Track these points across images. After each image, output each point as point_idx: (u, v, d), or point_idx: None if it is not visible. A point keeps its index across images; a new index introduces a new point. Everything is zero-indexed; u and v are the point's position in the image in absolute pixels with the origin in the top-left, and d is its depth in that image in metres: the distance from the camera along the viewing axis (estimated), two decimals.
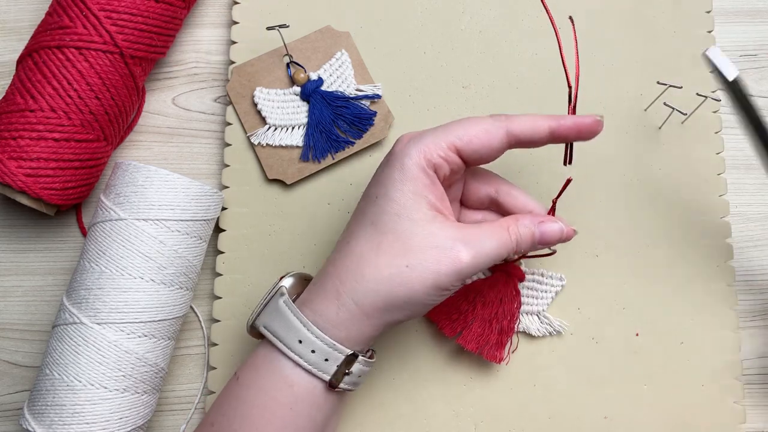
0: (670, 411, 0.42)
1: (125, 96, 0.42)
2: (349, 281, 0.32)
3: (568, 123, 0.34)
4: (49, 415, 0.37)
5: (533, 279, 0.43)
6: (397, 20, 0.47)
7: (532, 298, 0.43)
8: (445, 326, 0.41)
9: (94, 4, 0.40)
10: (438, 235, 0.32)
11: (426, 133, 0.34)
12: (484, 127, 0.33)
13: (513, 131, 0.33)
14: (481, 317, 0.41)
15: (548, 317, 0.42)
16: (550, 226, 0.35)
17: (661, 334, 0.43)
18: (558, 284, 0.43)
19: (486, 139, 0.33)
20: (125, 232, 0.38)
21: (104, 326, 0.37)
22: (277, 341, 0.33)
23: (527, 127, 0.34)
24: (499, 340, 0.41)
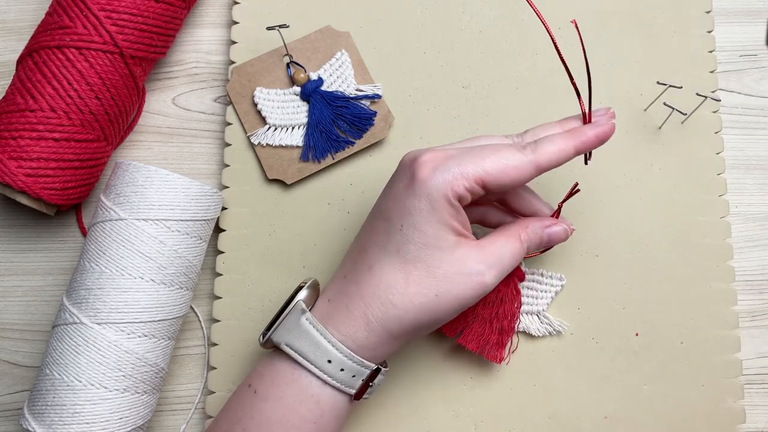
0: (670, 411, 0.42)
1: (125, 96, 0.42)
2: (379, 309, 0.33)
3: (591, 138, 0.35)
4: (49, 415, 0.37)
5: (533, 279, 0.43)
6: (397, 20, 0.47)
7: (531, 298, 0.43)
8: (446, 326, 0.41)
9: (94, 4, 0.40)
10: (464, 261, 0.33)
11: (451, 162, 0.33)
12: (513, 163, 0.33)
13: (541, 165, 0.34)
14: (482, 317, 0.40)
15: (548, 317, 0.42)
16: (556, 231, 0.37)
17: (661, 333, 0.43)
18: (558, 284, 0.43)
19: (515, 175, 0.33)
20: (125, 232, 0.38)
21: (104, 326, 0.37)
22: (304, 361, 0.34)
23: (555, 157, 0.34)
24: (499, 339, 0.41)
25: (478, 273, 0.33)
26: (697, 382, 0.42)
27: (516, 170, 0.33)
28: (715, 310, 0.43)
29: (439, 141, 0.45)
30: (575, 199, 0.44)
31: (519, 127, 0.45)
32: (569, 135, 0.34)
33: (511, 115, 0.46)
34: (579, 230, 0.44)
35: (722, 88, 0.47)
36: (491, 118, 0.46)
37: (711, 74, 0.46)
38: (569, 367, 0.43)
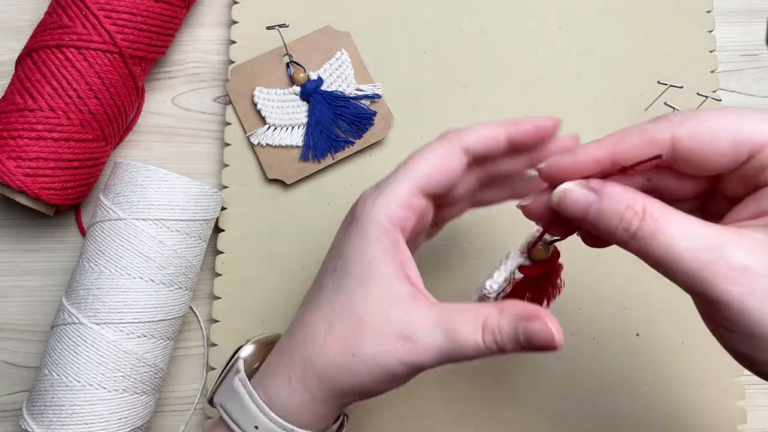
0: (670, 411, 0.42)
1: (124, 96, 0.42)
2: (298, 364, 0.28)
3: (527, 126, 0.29)
4: (48, 415, 0.37)
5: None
6: (397, 20, 0.47)
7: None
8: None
9: (93, 4, 0.40)
10: (392, 317, 0.27)
11: (384, 185, 0.29)
12: (438, 153, 0.29)
13: (467, 145, 0.29)
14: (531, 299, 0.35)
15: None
16: (539, 328, 0.26)
17: (662, 334, 0.43)
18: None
19: (444, 166, 0.28)
20: (124, 231, 0.38)
21: (103, 326, 0.37)
22: (233, 425, 0.30)
23: (482, 137, 0.29)
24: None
25: (402, 336, 0.26)
26: (698, 382, 0.42)
27: (443, 159, 0.28)
28: None
29: None
30: None
31: None
32: (502, 121, 0.30)
33: (512, 115, 0.45)
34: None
35: (723, 87, 0.47)
36: (491, 118, 0.45)
37: (712, 74, 0.46)
38: (570, 367, 0.42)
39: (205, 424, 0.41)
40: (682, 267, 0.24)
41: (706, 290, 0.23)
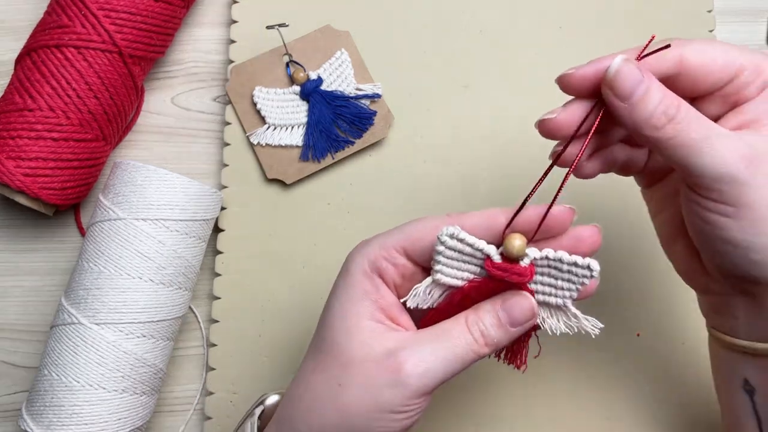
0: (671, 411, 0.42)
1: (124, 95, 0.42)
2: (288, 405, 0.29)
3: (532, 217, 0.29)
4: (48, 415, 0.37)
5: (549, 265, 0.30)
6: (397, 19, 0.47)
7: (550, 287, 0.31)
8: None
9: (92, 3, 0.40)
10: (373, 344, 0.27)
11: (375, 237, 0.30)
12: (434, 224, 0.29)
13: (467, 229, 0.29)
14: None
15: (576, 313, 0.32)
16: (516, 303, 0.29)
17: (662, 334, 0.43)
18: (586, 275, 0.31)
19: (432, 236, 0.29)
20: (124, 231, 0.38)
21: (103, 326, 0.37)
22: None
23: (481, 224, 0.29)
24: (514, 349, 0.33)
25: (390, 357, 0.27)
26: (698, 382, 0.42)
27: (435, 232, 0.29)
28: None
29: (439, 141, 0.45)
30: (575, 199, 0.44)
31: (519, 127, 0.45)
32: (503, 209, 0.30)
33: (511, 115, 0.46)
34: None
35: None
36: (491, 118, 0.45)
37: None
38: (570, 367, 0.42)
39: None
40: (714, 150, 0.27)
41: (734, 173, 0.27)
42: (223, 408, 0.42)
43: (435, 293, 0.30)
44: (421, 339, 0.28)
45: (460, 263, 0.30)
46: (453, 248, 0.29)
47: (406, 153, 0.45)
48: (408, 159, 0.45)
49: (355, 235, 0.44)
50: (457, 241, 0.29)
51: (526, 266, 0.29)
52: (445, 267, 0.29)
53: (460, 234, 0.29)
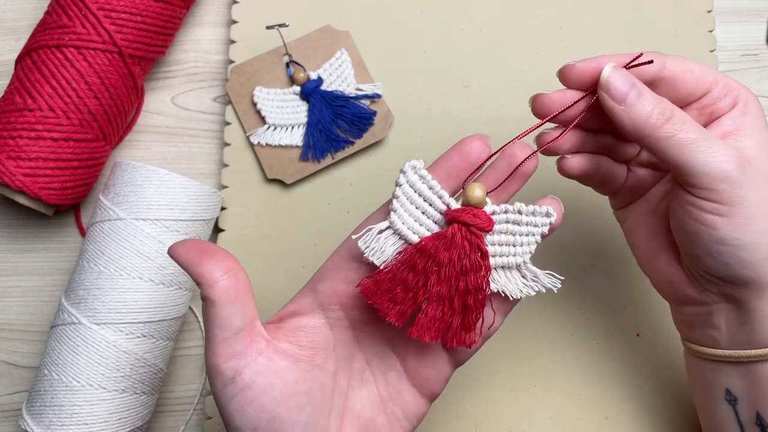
0: (671, 411, 0.42)
1: (124, 95, 0.42)
2: None
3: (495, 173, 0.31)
4: (48, 415, 0.37)
5: (507, 219, 0.30)
6: (397, 19, 0.47)
7: (509, 246, 0.30)
8: (389, 310, 0.29)
9: (93, 4, 0.40)
10: None
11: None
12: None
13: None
14: (438, 295, 0.29)
15: (534, 270, 0.30)
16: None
17: (662, 334, 0.43)
18: (544, 222, 0.29)
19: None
20: (124, 231, 0.38)
21: (103, 326, 0.37)
22: None
23: (442, 176, 0.30)
24: (465, 321, 0.29)
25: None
26: None
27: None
28: None
29: (439, 141, 0.45)
30: (575, 199, 0.44)
31: (519, 127, 0.45)
32: None
33: (512, 115, 0.45)
34: (580, 231, 0.44)
35: None
36: (491, 118, 0.45)
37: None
38: (570, 367, 0.42)
39: None
40: (711, 149, 0.29)
41: (728, 172, 0.29)
42: None
43: (387, 246, 0.29)
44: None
45: (419, 215, 0.29)
46: (413, 186, 0.29)
47: (406, 153, 0.45)
48: (408, 159, 0.45)
49: None
50: (418, 177, 0.29)
51: (486, 213, 0.29)
52: (403, 212, 0.29)
53: (422, 170, 0.29)
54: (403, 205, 0.29)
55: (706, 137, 0.29)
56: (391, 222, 0.29)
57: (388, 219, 0.29)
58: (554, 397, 0.42)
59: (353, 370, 0.31)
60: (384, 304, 0.29)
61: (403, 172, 0.28)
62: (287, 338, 0.29)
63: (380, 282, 0.29)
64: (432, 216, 0.29)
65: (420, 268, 0.29)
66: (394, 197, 0.29)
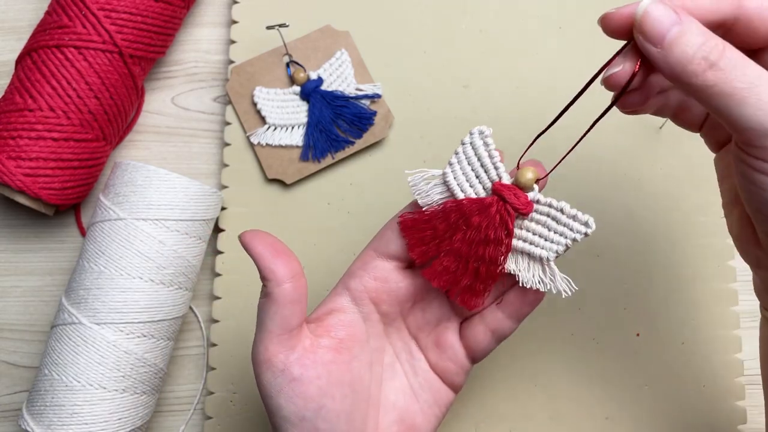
0: (670, 411, 0.42)
1: (124, 95, 0.42)
2: None
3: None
4: (48, 415, 0.37)
5: (549, 213, 0.31)
6: (397, 19, 0.47)
7: (540, 238, 0.31)
8: (415, 246, 0.31)
9: (93, 4, 0.40)
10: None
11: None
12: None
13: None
14: (457, 252, 0.30)
15: (554, 270, 0.31)
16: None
17: (662, 334, 0.43)
18: (580, 229, 0.30)
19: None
20: (124, 231, 0.38)
21: (103, 326, 0.37)
22: None
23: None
24: (472, 285, 0.31)
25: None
26: (698, 382, 0.42)
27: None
28: (716, 311, 0.43)
29: (439, 141, 0.45)
30: (576, 199, 0.44)
31: (519, 127, 0.45)
32: None
33: (511, 115, 0.46)
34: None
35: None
36: (491, 118, 0.45)
37: None
38: (570, 367, 0.42)
39: None
40: (761, 100, 0.24)
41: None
42: (223, 408, 0.42)
43: (434, 193, 0.31)
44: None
45: (472, 176, 0.31)
46: (475, 149, 0.30)
47: (406, 153, 0.45)
48: (408, 159, 0.45)
49: (355, 235, 0.44)
50: (483, 143, 0.30)
51: (527, 197, 0.30)
52: (458, 169, 0.31)
53: (488, 138, 0.30)
54: (461, 162, 0.31)
55: (759, 84, 0.24)
56: (444, 173, 0.31)
57: (443, 169, 0.31)
58: (554, 397, 0.42)
59: (384, 363, 0.33)
60: (413, 239, 0.31)
61: (471, 133, 0.30)
62: (327, 333, 0.31)
63: (417, 221, 0.31)
64: (483, 181, 0.31)
65: (451, 222, 0.30)
66: (455, 153, 0.30)
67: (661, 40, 0.25)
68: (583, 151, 0.44)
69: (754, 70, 0.24)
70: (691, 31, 0.24)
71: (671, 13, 0.25)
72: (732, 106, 0.24)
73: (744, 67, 0.24)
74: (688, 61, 0.24)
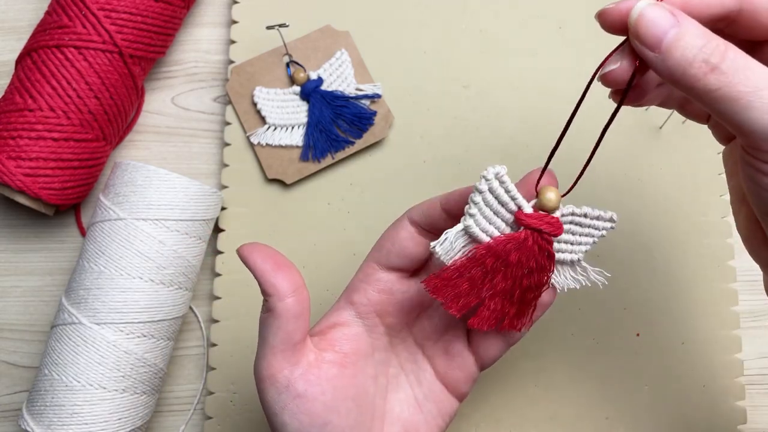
0: (670, 411, 0.42)
1: (124, 95, 0.42)
2: None
3: (455, 195, 0.30)
4: (48, 415, 0.37)
5: (572, 220, 0.31)
6: (397, 20, 0.47)
7: (567, 244, 0.31)
8: (453, 303, 0.30)
9: (93, 4, 0.40)
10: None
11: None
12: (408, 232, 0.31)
13: (414, 218, 0.32)
14: (502, 292, 0.30)
15: (585, 266, 0.32)
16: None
17: (662, 334, 0.43)
18: (605, 226, 0.31)
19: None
20: (124, 231, 0.38)
21: (103, 326, 0.37)
22: None
23: (424, 208, 0.31)
24: (519, 310, 0.31)
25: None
26: (698, 382, 0.42)
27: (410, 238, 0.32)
28: (716, 311, 0.43)
29: (439, 141, 0.45)
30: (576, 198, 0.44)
31: (519, 127, 0.45)
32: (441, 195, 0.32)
33: (511, 115, 0.46)
34: None
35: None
36: (491, 118, 0.45)
37: None
38: (570, 367, 0.42)
39: None
40: (766, 103, 0.23)
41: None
42: (223, 408, 0.42)
43: (458, 244, 0.29)
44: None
45: (491, 215, 0.29)
46: (493, 191, 0.29)
47: (406, 153, 0.45)
48: (408, 159, 0.45)
49: (355, 235, 0.44)
50: (499, 184, 0.29)
51: (557, 218, 0.29)
52: (480, 216, 0.29)
53: (504, 176, 0.28)
54: (481, 210, 0.29)
55: (763, 88, 0.23)
56: (467, 226, 0.29)
57: (462, 222, 0.29)
58: (554, 397, 0.42)
59: (389, 375, 0.32)
60: (448, 297, 0.30)
61: (486, 179, 0.28)
62: (332, 348, 0.30)
63: (446, 279, 0.29)
64: (502, 216, 0.29)
65: (489, 267, 0.29)
66: (473, 202, 0.29)
67: (659, 44, 0.24)
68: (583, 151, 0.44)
69: (758, 72, 0.23)
70: (690, 33, 0.23)
71: (667, 14, 0.23)
72: (737, 111, 0.23)
73: (747, 69, 0.23)
74: (688, 64, 0.23)
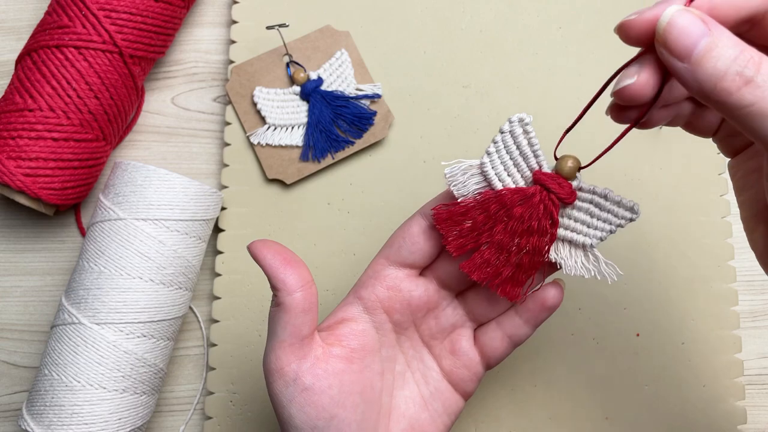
0: (671, 411, 0.42)
1: (124, 95, 0.42)
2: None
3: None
4: (48, 415, 0.37)
5: (592, 200, 0.30)
6: (397, 20, 0.47)
7: (583, 225, 0.30)
8: (452, 240, 0.30)
9: (93, 4, 0.40)
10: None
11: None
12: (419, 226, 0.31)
13: (426, 213, 0.31)
14: (498, 243, 0.29)
15: (597, 256, 0.30)
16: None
17: (662, 334, 0.43)
18: (625, 215, 0.29)
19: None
20: (124, 231, 0.38)
21: (103, 326, 0.37)
22: None
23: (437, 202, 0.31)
24: (514, 276, 0.30)
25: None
26: (698, 382, 0.42)
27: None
28: (716, 311, 0.43)
29: (439, 141, 0.45)
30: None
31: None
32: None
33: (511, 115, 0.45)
34: None
35: None
36: (491, 118, 0.45)
37: None
38: (570, 367, 0.42)
39: None
40: None
41: None
42: (223, 408, 0.42)
43: (470, 184, 0.30)
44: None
45: (510, 165, 0.29)
46: (515, 138, 0.29)
47: (406, 153, 0.45)
48: (408, 159, 0.45)
49: (355, 235, 0.44)
50: (522, 131, 0.29)
51: (571, 186, 0.29)
52: (496, 158, 0.29)
53: (528, 125, 0.29)
54: (499, 151, 0.29)
55: None
56: (482, 164, 0.29)
57: (480, 159, 0.29)
58: (554, 397, 0.42)
59: (396, 371, 0.33)
60: (449, 232, 0.30)
61: (510, 121, 0.29)
62: (339, 343, 0.31)
63: (453, 212, 0.30)
64: (522, 170, 0.30)
65: (491, 213, 0.29)
66: (493, 142, 0.29)
67: (689, 55, 0.22)
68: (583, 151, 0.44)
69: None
70: (723, 43, 0.21)
71: (699, 22, 0.22)
72: (758, 127, 0.21)
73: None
74: (721, 77, 0.21)
